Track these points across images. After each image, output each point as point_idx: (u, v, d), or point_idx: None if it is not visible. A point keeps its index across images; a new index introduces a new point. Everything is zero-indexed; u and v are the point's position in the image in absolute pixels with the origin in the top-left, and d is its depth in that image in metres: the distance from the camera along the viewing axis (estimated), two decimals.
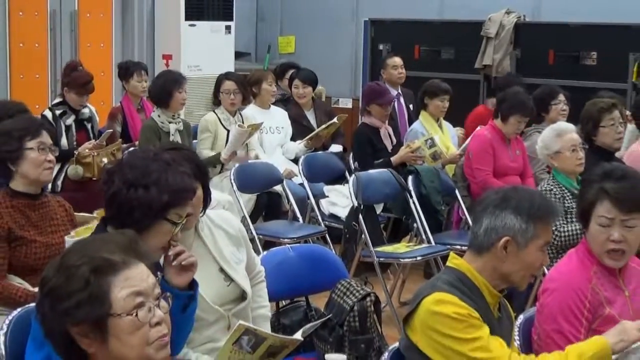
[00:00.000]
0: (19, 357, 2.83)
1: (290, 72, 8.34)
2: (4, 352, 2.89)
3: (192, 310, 2.82)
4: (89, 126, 7.06)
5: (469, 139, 6.62)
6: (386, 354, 2.84)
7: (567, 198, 4.97)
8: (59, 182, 6.47)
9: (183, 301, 2.74)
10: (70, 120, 6.86)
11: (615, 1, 9.50)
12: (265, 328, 3.26)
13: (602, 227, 3.10)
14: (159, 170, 2.79)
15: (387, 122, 7.17)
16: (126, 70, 7.77)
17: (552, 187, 5.02)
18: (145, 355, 1.98)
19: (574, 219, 4.82)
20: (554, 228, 4.82)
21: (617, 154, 5.77)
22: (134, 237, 2.15)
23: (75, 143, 6.74)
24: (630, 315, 3.08)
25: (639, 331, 2.71)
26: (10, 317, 2.96)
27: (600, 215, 3.10)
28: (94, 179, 6.31)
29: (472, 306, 2.68)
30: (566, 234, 4.86)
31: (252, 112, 7.26)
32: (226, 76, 7.03)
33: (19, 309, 2.99)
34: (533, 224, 2.74)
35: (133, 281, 1.98)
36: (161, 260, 2.83)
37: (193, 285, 2.81)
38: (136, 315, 1.95)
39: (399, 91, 8.10)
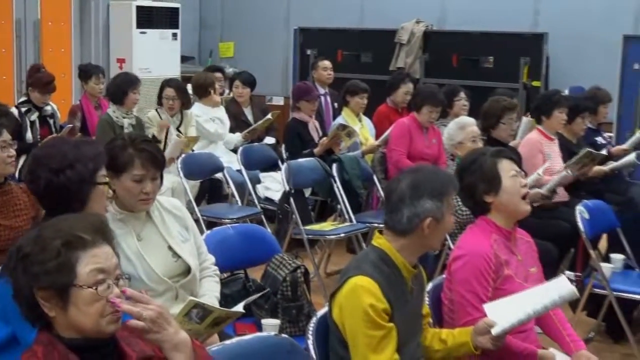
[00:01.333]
0: None
1: (216, 72, 8.38)
2: None
3: None
4: (51, 122, 7.03)
5: (388, 131, 6.66)
6: (314, 319, 2.84)
7: None
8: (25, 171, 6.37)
9: None
10: (34, 116, 6.80)
11: (509, 13, 9.64)
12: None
13: (514, 179, 3.18)
14: (72, 149, 2.78)
15: (314, 117, 7.22)
16: (86, 73, 7.66)
17: None
18: (97, 326, 1.98)
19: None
20: (457, 208, 4.92)
21: (511, 143, 5.88)
22: (105, 221, 2.17)
23: (39, 137, 6.67)
24: (522, 274, 3.18)
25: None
26: None
27: (508, 172, 3.20)
28: None
29: (387, 289, 2.69)
30: (467, 212, 4.91)
31: (200, 110, 7.22)
32: (168, 83, 6.94)
33: None
34: (444, 199, 2.78)
35: (98, 259, 1.98)
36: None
37: None
38: (96, 289, 1.95)
39: (327, 90, 8.14)
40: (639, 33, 8.74)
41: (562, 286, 2.77)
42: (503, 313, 2.81)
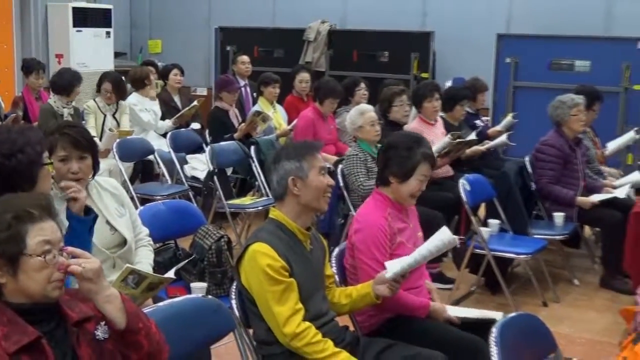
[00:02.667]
0: None
1: (149, 66, 8.27)
2: None
3: (93, 232, 2.86)
4: None
5: (297, 119, 6.70)
6: (236, 281, 2.83)
7: (369, 160, 5.06)
8: None
9: (89, 224, 2.79)
10: None
11: (401, 14, 9.73)
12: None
13: (420, 182, 3.21)
14: (20, 136, 2.72)
15: (234, 105, 7.19)
16: (28, 68, 7.48)
17: (357, 152, 5.11)
18: (44, 291, 1.97)
19: (374, 177, 4.93)
20: (358, 184, 4.97)
21: (405, 127, 5.95)
22: (50, 199, 2.17)
23: None
24: (412, 240, 3.24)
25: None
26: None
27: (422, 174, 3.21)
28: None
29: (283, 250, 2.72)
30: (368, 187, 4.97)
31: (136, 99, 7.11)
32: (107, 77, 6.78)
33: None
34: (303, 160, 2.79)
35: (45, 232, 1.98)
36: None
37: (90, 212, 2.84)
38: (44, 257, 1.95)
39: (246, 82, 8.14)
40: (509, 32, 8.92)
41: (444, 234, 2.81)
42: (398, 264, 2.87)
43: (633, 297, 2.85)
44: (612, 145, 6.30)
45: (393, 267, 2.85)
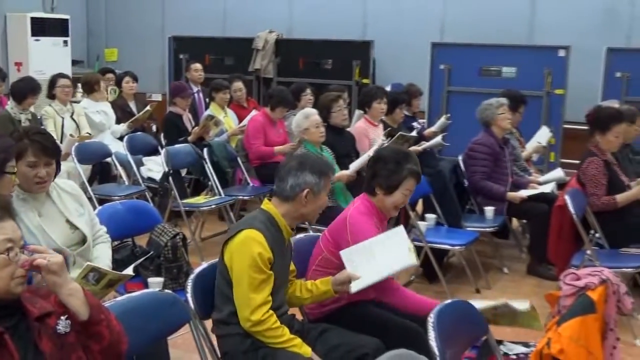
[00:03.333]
0: None
1: (108, 74, 8.26)
2: None
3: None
4: None
5: (245, 120, 6.67)
6: (192, 276, 2.82)
7: None
8: None
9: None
10: None
11: (343, 25, 9.75)
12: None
13: (404, 196, 3.22)
14: None
15: (188, 110, 7.14)
16: None
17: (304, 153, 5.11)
18: (8, 287, 1.93)
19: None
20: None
21: (348, 129, 5.98)
22: (9, 201, 2.18)
23: None
24: None
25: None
26: None
27: (407, 188, 3.21)
28: None
29: (271, 243, 2.74)
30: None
31: (87, 104, 7.00)
32: (60, 76, 6.71)
33: None
34: (323, 178, 2.86)
35: (6, 230, 1.94)
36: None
37: None
38: (8, 255, 1.92)
39: (199, 88, 8.07)
40: (443, 41, 9.01)
41: (406, 261, 2.93)
42: (356, 260, 2.90)
43: (557, 283, 2.90)
44: (529, 146, 6.40)
45: (357, 283, 2.88)
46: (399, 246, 2.97)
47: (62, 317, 2.01)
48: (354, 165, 5.18)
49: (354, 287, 2.88)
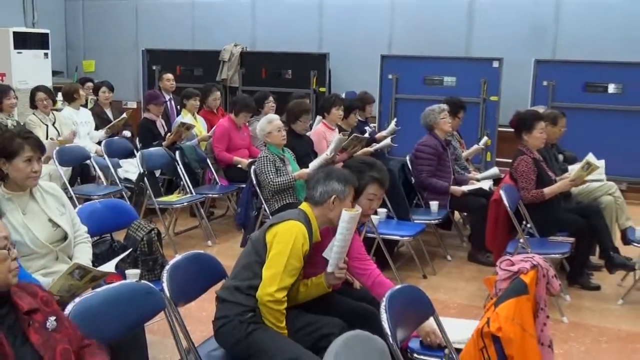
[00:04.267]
0: None
1: (87, 83, 8.08)
2: None
3: None
4: None
5: (214, 128, 6.61)
6: (167, 267, 2.79)
7: (277, 161, 5.05)
8: None
9: None
10: None
11: (301, 38, 9.74)
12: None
13: (369, 201, 3.20)
14: None
15: (160, 116, 7.04)
16: None
17: (267, 154, 5.07)
18: (6, 279, 1.94)
19: (281, 175, 4.92)
20: (268, 181, 4.94)
21: (310, 132, 5.98)
22: None
23: None
24: None
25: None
26: None
27: (370, 193, 3.18)
28: None
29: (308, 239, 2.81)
30: (276, 183, 4.96)
31: (68, 112, 6.84)
32: (39, 89, 6.53)
33: None
34: (348, 186, 2.91)
35: (1, 228, 1.96)
36: None
37: None
38: (6, 250, 1.93)
39: (171, 96, 7.98)
40: (391, 53, 9.05)
41: (344, 215, 2.80)
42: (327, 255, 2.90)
43: (494, 269, 2.94)
44: (469, 150, 6.48)
45: (330, 262, 2.89)
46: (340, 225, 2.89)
47: (50, 317, 2.01)
48: (313, 164, 5.18)
49: (329, 268, 2.88)
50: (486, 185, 5.64)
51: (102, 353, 2.12)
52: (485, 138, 6.69)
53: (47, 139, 6.21)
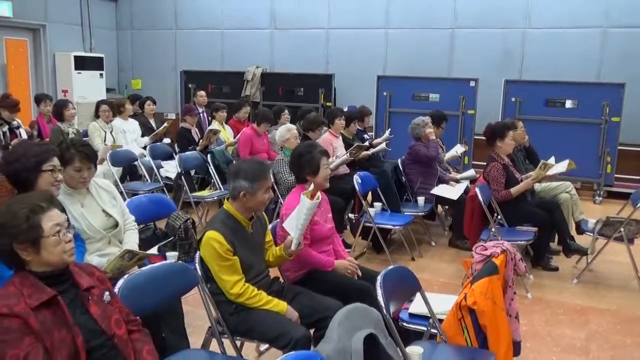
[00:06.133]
0: None
1: (137, 100, 8.03)
2: None
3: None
4: (17, 132, 6.38)
5: (239, 135, 6.60)
6: (199, 251, 2.76)
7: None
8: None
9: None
10: (5, 128, 6.18)
11: (311, 61, 9.74)
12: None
13: (325, 169, 3.19)
14: (22, 149, 2.68)
15: (195, 125, 7.04)
16: (38, 99, 7.16)
17: (283, 157, 5.06)
18: (62, 259, 1.91)
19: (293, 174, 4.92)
20: (284, 179, 4.94)
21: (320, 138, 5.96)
22: (52, 195, 2.15)
23: (9, 142, 6.04)
24: (323, 218, 3.22)
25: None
26: None
27: (324, 164, 3.20)
28: None
29: (230, 236, 2.64)
30: (290, 181, 4.95)
31: (118, 122, 6.86)
32: (103, 102, 6.60)
33: None
34: (256, 182, 2.71)
35: (54, 217, 1.91)
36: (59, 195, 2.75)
37: None
38: (58, 235, 1.89)
39: (203, 109, 8.00)
40: (386, 74, 9.03)
41: (303, 202, 2.75)
42: (288, 227, 2.82)
43: (470, 253, 2.93)
44: (447, 156, 6.44)
45: (294, 241, 2.81)
46: (300, 208, 2.79)
47: (105, 293, 2.01)
48: (335, 163, 5.34)
49: (292, 246, 2.81)
50: (464, 184, 5.62)
51: (144, 330, 2.12)
52: (458, 145, 6.63)
53: (103, 143, 6.25)
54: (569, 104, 7.77)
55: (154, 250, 2.89)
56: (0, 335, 1.74)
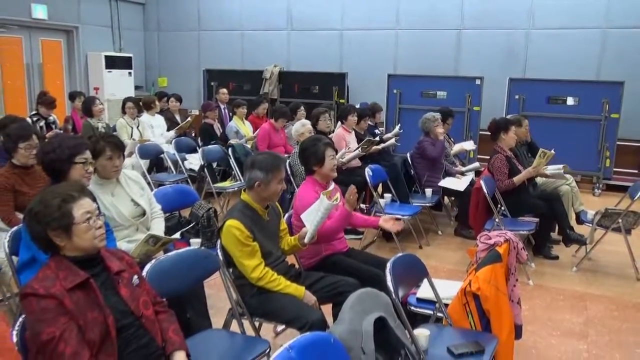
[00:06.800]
0: (15, 254, 2.59)
1: (164, 97, 8.07)
2: (7, 251, 2.64)
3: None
4: (53, 126, 6.48)
5: (258, 131, 6.61)
6: (219, 243, 2.76)
7: None
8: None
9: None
10: (42, 123, 6.26)
11: (325, 60, 9.70)
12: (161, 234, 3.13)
13: (331, 160, 3.16)
14: (57, 141, 2.72)
15: (217, 120, 7.07)
16: (72, 96, 7.26)
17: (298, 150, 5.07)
18: (93, 244, 1.92)
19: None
20: (300, 171, 4.94)
21: (333, 134, 5.94)
22: (83, 185, 2.13)
23: (45, 136, 6.12)
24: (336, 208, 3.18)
25: None
26: (9, 232, 2.69)
27: (329, 155, 3.19)
28: None
29: (249, 223, 2.64)
30: (302, 171, 4.94)
31: (145, 118, 6.90)
32: (129, 100, 6.63)
33: (15, 227, 2.72)
34: (270, 173, 2.70)
35: (85, 205, 1.92)
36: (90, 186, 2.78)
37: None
38: (88, 222, 1.90)
39: (225, 106, 8.01)
40: (396, 73, 8.98)
41: (322, 202, 2.75)
42: (306, 219, 2.80)
43: (475, 242, 2.92)
44: (455, 149, 6.39)
45: (307, 235, 2.79)
46: (319, 206, 2.78)
47: (134, 276, 2.03)
48: (348, 157, 5.35)
49: (306, 239, 2.80)
50: (469, 176, 5.57)
51: (170, 311, 2.13)
52: (470, 142, 6.55)
53: (131, 138, 6.29)
54: (570, 101, 7.67)
55: (176, 235, 2.91)
56: (37, 315, 1.76)
